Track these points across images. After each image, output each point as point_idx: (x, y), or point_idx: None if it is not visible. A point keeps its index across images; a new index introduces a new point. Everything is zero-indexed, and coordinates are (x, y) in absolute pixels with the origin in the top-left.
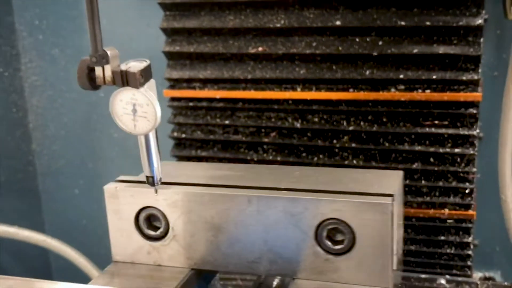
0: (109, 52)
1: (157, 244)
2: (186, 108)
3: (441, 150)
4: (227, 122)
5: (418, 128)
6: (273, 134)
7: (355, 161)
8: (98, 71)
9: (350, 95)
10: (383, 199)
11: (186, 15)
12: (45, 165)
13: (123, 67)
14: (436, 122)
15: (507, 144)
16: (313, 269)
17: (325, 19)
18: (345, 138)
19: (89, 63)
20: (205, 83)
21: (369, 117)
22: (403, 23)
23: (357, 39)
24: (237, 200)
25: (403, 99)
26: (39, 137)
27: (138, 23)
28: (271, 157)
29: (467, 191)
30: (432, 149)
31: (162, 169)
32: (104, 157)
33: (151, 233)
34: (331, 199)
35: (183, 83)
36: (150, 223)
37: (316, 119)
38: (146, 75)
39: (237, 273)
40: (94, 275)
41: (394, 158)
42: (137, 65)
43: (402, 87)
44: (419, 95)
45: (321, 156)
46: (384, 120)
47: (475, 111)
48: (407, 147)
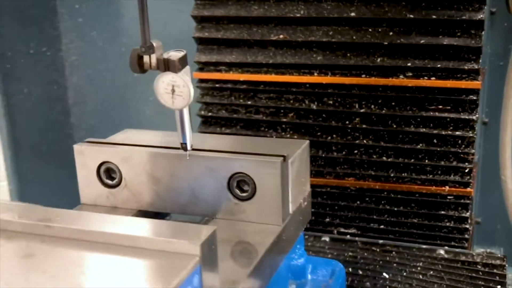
0: (154, 43)
1: (113, 190)
2: (212, 89)
3: (444, 132)
4: (250, 102)
5: (423, 112)
6: (291, 114)
7: (365, 141)
8: (146, 58)
9: (362, 80)
10: (276, 159)
11: (214, 4)
12: (83, 138)
13: (165, 55)
14: (439, 107)
15: (507, 128)
16: (227, 211)
17: (341, 10)
18: (357, 119)
19: (139, 52)
20: (230, 66)
21: (379, 101)
22: (412, 16)
23: (370, 30)
24: (171, 158)
25: (410, 85)
26: (77, 112)
27: (172, 10)
28: (288, 136)
29: (466, 171)
30: (435, 131)
31: (130, 135)
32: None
33: (109, 182)
34: (239, 158)
35: (211, 66)
36: (108, 174)
37: (330, 102)
38: (183, 62)
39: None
40: None
41: (400, 139)
42: (176, 54)
43: (409, 74)
44: (424, 82)
45: (334, 135)
46: (392, 104)
47: (475, 98)
48: (413, 129)
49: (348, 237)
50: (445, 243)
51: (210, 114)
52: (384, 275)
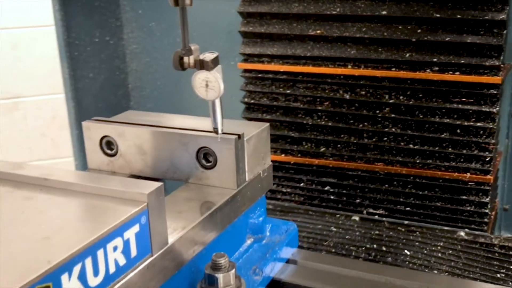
0: (192, 47)
1: (112, 159)
2: (255, 78)
3: (466, 123)
4: (289, 91)
5: (447, 104)
6: (326, 103)
7: (394, 129)
8: (185, 59)
9: (392, 73)
10: (232, 137)
11: (259, 1)
12: None
13: (201, 57)
14: (463, 99)
15: None
16: (196, 177)
17: (373, 8)
18: (387, 109)
19: (180, 54)
20: (272, 58)
21: (407, 93)
22: (438, 15)
23: (400, 27)
24: (154, 135)
25: (436, 79)
26: (136, 96)
27: (221, 4)
28: (323, 123)
29: (487, 159)
30: (458, 122)
31: (129, 115)
32: (190, 114)
33: (109, 152)
34: (204, 135)
35: (254, 57)
36: (108, 146)
37: (362, 92)
38: (215, 62)
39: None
40: None
41: (426, 128)
42: (210, 55)
43: (435, 69)
44: (449, 76)
45: (365, 123)
46: (419, 95)
47: (495, 92)
48: (437, 119)
49: (376, 217)
50: (465, 226)
51: (252, 101)
52: (405, 252)
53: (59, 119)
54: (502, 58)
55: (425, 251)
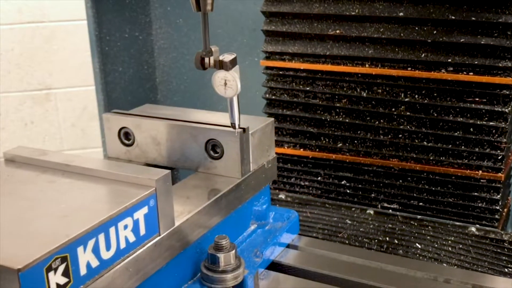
0: (212, 48)
1: (129, 148)
2: (277, 75)
3: (479, 122)
4: (308, 88)
5: (461, 103)
6: (344, 100)
7: (408, 127)
8: (206, 59)
9: (408, 72)
10: (239, 131)
11: (281, 1)
12: None
13: (220, 57)
14: (476, 99)
15: None
16: (204, 166)
17: (391, 10)
18: (402, 107)
19: (201, 55)
20: (293, 56)
21: (423, 92)
22: (453, 17)
23: (416, 28)
24: (167, 128)
25: (450, 79)
26: (163, 90)
27: (247, 2)
28: (341, 119)
29: (499, 157)
30: (471, 121)
31: (146, 109)
32: (214, 108)
33: (126, 142)
34: (213, 128)
35: (276, 55)
36: (126, 136)
37: (379, 91)
38: (233, 63)
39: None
40: None
41: (440, 126)
42: (229, 56)
43: (450, 69)
44: (463, 76)
45: (381, 120)
46: (434, 94)
47: (508, 92)
48: (451, 118)
49: (390, 211)
50: (477, 222)
51: (273, 97)
52: (417, 245)
53: (89, 110)
54: None
55: (436, 245)
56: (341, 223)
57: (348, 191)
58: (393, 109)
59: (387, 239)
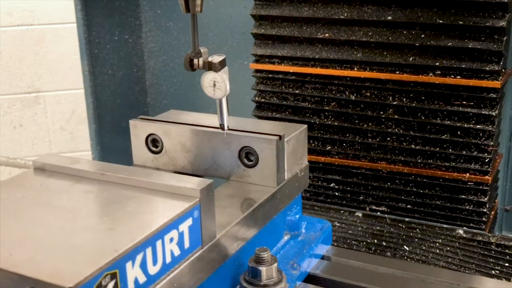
0: (202, 50)
1: (157, 156)
2: (266, 78)
3: (466, 125)
4: (297, 91)
5: (448, 106)
6: (333, 103)
7: (396, 130)
8: (195, 61)
9: (396, 76)
10: (273, 137)
11: (271, 5)
12: None
13: (209, 59)
14: (463, 102)
15: None
16: (237, 175)
17: (379, 14)
18: (390, 110)
19: (190, 56)
20: (282, 59)
21: (410, 95)
22: (441, 21)
23: (404, 32)
24: (198, 134)
25: (438, 82)
26: (153, 93)
27: (237, 5)
28: (329, 122)
29: (486, 160)
30: (459, 124)
31: (172, 115)
32: (203, 111)
33: (154, 149)
34: (247, 135)
35: (265, 58)
36: (154, 143)
37: (368, 94)
38: (222, 64)
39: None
40: None
41: (428, 129)
42: (217, 58)
43: (438, 72)
44: (450, 80)
45: (370, 123)
46: (422, 98)
47: (495, 96)
48: (439, 121)
49: (378, 213)
50: (464, 224)
51: (263, 100)
52: (404, 247)
53: (78, 113)
54: (502, 63)
55: (424, 247)
56: None
57: (336, 194)
58: (381, 112)
59: (375, 241)
